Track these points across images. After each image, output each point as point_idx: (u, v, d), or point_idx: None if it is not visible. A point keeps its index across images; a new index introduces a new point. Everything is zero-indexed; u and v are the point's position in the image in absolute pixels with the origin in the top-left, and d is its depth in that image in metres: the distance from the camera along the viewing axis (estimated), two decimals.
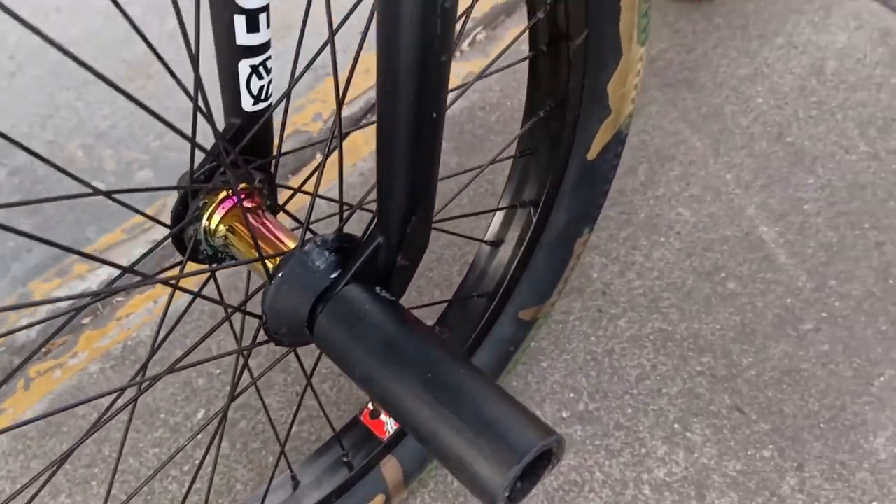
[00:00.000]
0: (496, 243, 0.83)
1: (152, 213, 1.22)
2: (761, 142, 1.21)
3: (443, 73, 0.45)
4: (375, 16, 0.43)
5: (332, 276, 0.53)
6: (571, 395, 0.98)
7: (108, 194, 0.50)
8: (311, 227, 0.69)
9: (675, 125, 1.23)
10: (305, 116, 1.29)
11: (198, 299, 0.56)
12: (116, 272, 1.13)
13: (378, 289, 0.52)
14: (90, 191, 0.47)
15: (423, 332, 0.49)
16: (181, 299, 1.05)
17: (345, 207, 0.60)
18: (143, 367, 0.55)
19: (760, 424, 0.94)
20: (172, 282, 0.50)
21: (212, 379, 0.99)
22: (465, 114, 1.26)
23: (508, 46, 0.71)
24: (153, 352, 0.50)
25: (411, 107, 0.45)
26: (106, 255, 1.13)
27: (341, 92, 0.52)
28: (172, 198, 1.17)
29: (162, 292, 1.10)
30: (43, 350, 1.05)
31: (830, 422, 0.95)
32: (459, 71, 1.34)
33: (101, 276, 1.11)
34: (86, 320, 1.07)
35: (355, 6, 0.53)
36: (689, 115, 1.24)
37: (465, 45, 1.38)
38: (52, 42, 0.38)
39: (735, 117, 1.24)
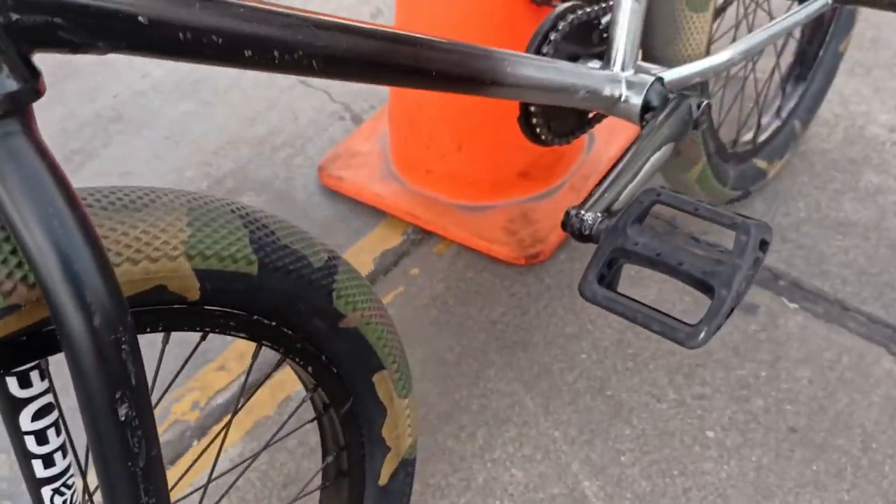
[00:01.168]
0: None
1: None
2: (585, 397, 1.37)
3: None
4: None
5: None
6: None
7: None
8: None
9: (510, 386, 1.40)
10: (184, 406, 1.43)
11: None
12: None
13: None
14: None
15: None
16: None
17: None
18: None
19: None
20: None
21: None
22: None
23: (293, 412, 0.87)
24: None
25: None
26: None
27: None
28: None
29: None
30: None
31: None
32: None
33: None
34: None
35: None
36: (523, 376, 1.41)
37: None
38: None
39: (562, 374, 1.41)
